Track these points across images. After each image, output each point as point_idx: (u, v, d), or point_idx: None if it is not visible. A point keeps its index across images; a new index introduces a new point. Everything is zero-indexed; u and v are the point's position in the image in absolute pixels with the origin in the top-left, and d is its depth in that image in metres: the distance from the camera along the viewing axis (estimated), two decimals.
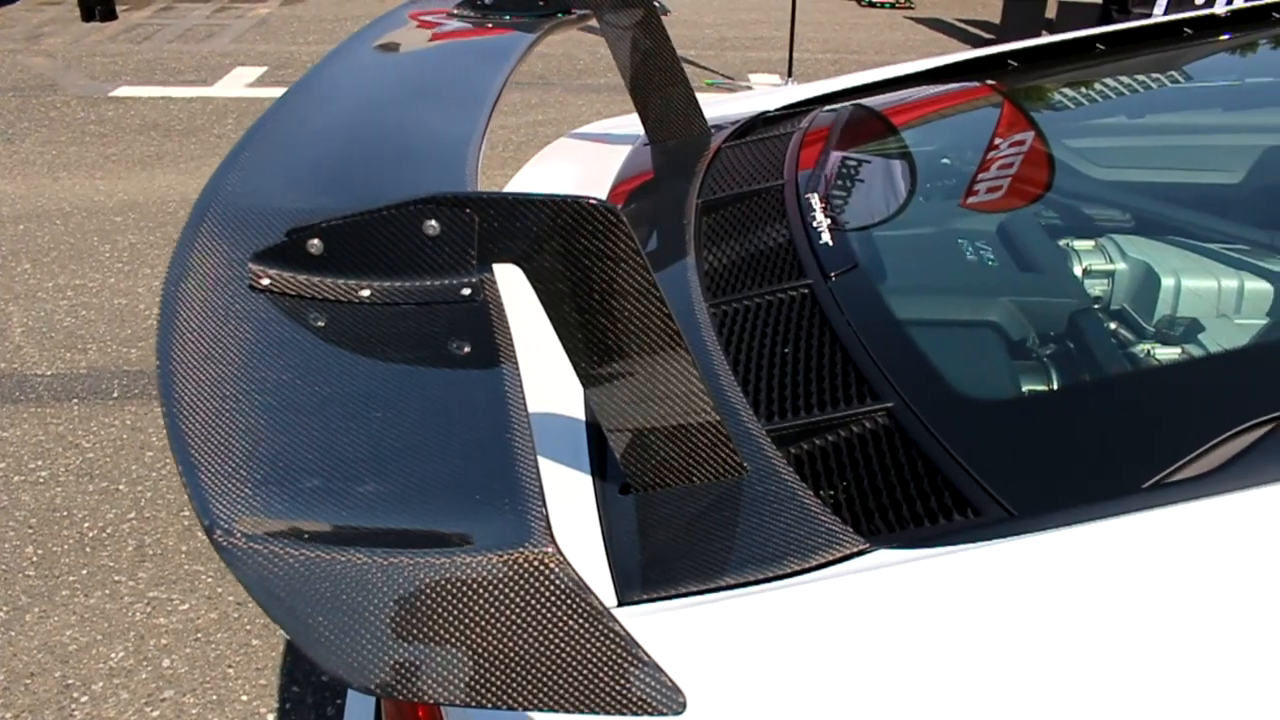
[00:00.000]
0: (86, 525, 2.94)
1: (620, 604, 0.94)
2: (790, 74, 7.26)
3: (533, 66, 7.60)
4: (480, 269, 0.92)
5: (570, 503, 1.06)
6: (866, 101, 2.08)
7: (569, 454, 1.12)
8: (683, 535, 0.99)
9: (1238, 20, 2.36)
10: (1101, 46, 2.26)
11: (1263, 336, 1.40)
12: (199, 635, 2.57)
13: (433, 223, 0.89)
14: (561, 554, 0.64)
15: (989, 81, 2.15)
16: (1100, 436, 1.08)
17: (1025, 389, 1.27)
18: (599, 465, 1.10)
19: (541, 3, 1.86)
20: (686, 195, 1.67)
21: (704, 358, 1.20)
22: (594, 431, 1.14)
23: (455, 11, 1.85)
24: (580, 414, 1.18)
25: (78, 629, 2.59)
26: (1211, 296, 1.51)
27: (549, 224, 0.88)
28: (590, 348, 0.95)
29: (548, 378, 1.21)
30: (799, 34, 7.89)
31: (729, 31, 8.95)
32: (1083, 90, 2.21)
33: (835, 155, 1.78)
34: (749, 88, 7.15)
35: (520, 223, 0.89)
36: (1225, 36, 2.33)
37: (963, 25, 9.60)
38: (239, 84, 7.14)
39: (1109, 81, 2.22)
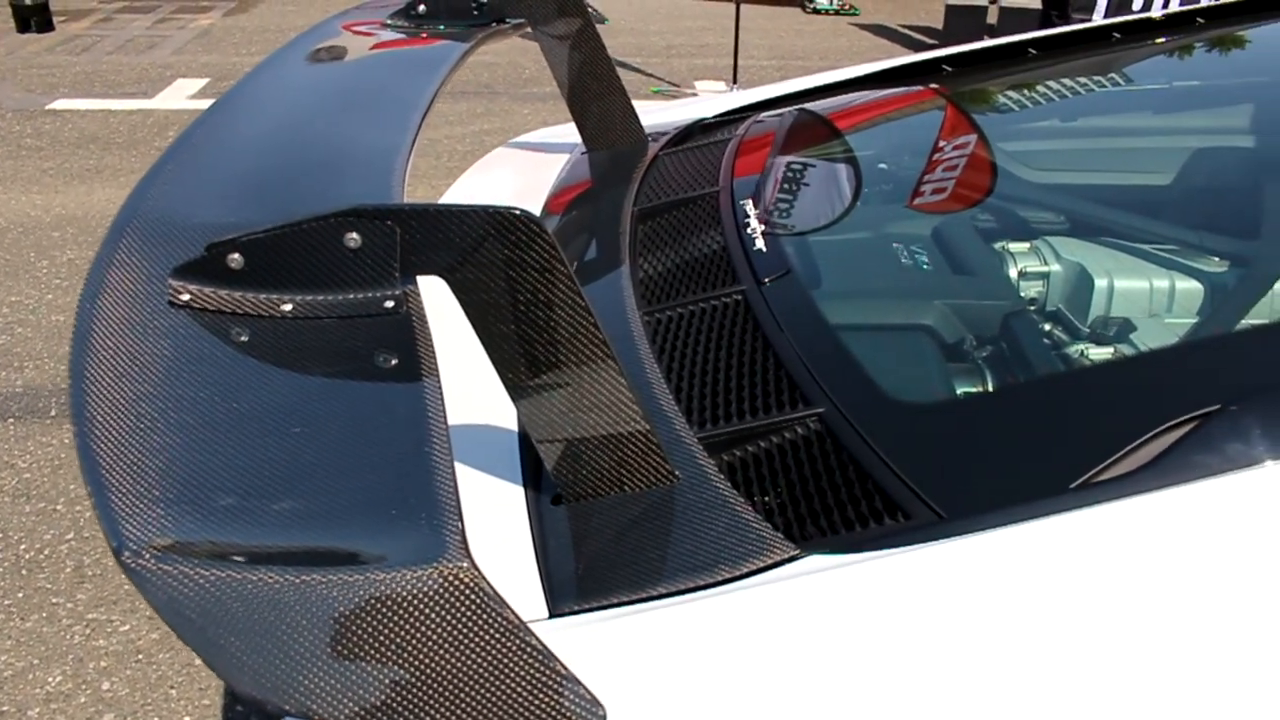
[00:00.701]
0: (23, 547, 2.88)
1: (552, 615, 0.93)
2: (735, 80, 7.29)
3: (478, 76, 7.57)
4: (404, 281, 0.91)
5: (502, 515, 1.05)
6: (802, 107, 2.09)
7: (502, 465, 1.12)
8: (615, 545, 0.99)
9: (1167, 25, 2.40)
10: (1034, 51, 2.29)
11: (1189, 335, 1.43)
12: (140, 657, 2.52)
13: (354, 235, 0.89)
14: (477, 568, 0.63)
15: (923, 87, 2.17)
16: (1030, 438, 1.09)
17: (956, 392, 1.28)
18: (532, 476, 1.09)
19: (475, 12, 1.85)
20: (622, 203, 1.67)
21: (636, 366, 1.20)
22: (527, 442, 1.14)
23: (389, 22, 1.84)
24: (513, 425, 1.17)
25: (13, 654, 2.53)
26: (1140, 297, 1.53)
27: (471, 235, 0.88)
28: (516, 359, 0.94)
29: (482, 388, 1.20)
30: (745, 41, 7.92)
31: (675, 39, 8.97)
32: (1017, 95, 2.23)
33: (770, 161, 1.79)
34: (694, 94, 7.17)
35: (442, 234, 0.88)
36: (1163, 40, 2.37)
37: (906, 31, 9.70)
38: (181, 96, 7.04)
39: (1043, 86, 2.25)
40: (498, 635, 0.63)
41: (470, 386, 1.17)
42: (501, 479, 1.10)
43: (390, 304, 0.91)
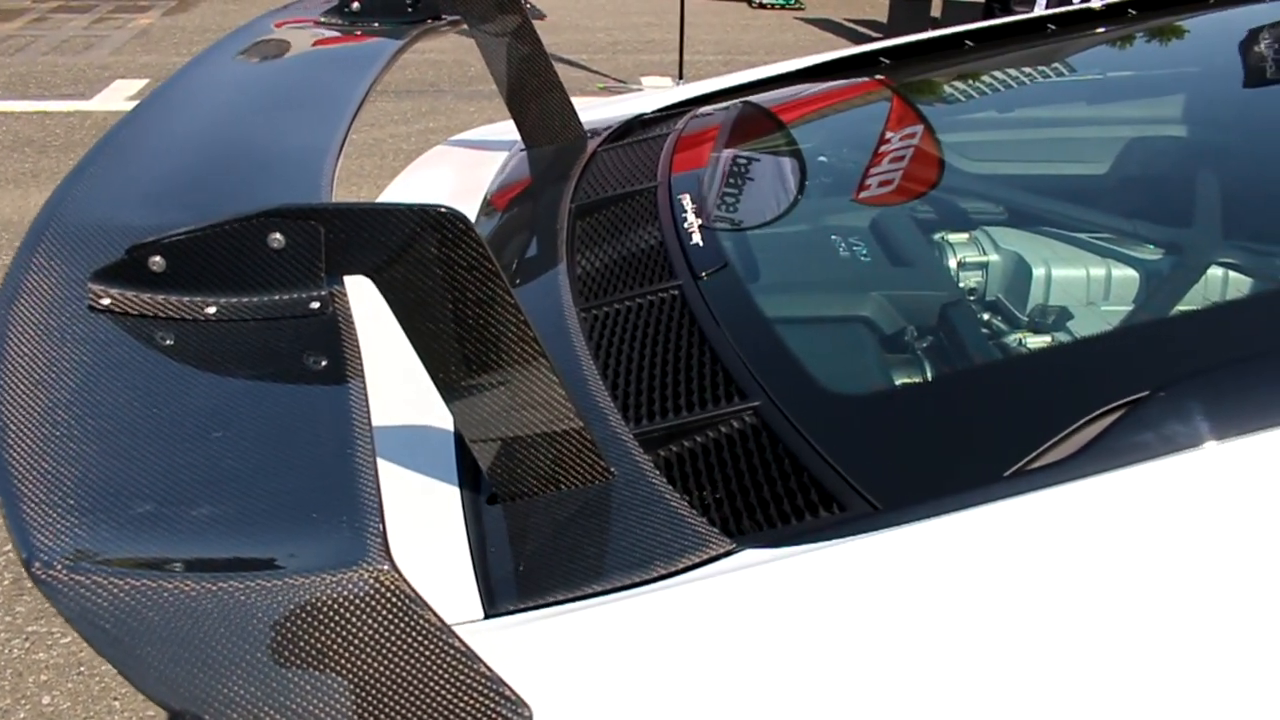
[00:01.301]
0: None
1: (488, 616, 0.92)
2: (681, 76, 7.30)
3: (423, 74, 7.53)
4: (329, 281, 0.90)
5: (437, 515, 1.04)
6: (740, 101, 2.10)
7: (438, 466, 1.11)
8: (550, 543, 0.98)
9: (1105, 16, 2.43)
10: (971, 44, 2.31)
11: (1122, 322, 1.44)
12: (82, 670, 2.48)
13: (277, 236, 0.87)
14: (397, 570, 0.62)
15: (860, 80, 2.18)
16: (964, 427, 1.10)
17: (891, 383, 1.29)
18: (467, 476, 1.08)
19: (410, 9, 1.83)
20: (560, 200, 1.66)
21: (572, 363, 1.20)
22: (462, 442, 1.13)
23: (322, 19, 1.82)
24: (450, 425, 1.16)
25: None
26: (1075, 285, 1.55)
27: (397, 234, 0.87)
28: (446, 359, 0.94)
29: (420, 388, 1.19)
30: (691, 36, 7.94)
31: (621, 35, 8.96)
32: (954, 87, 2.25)
33: (709, 155, 1.79)
34: (640, 91, 7.17)
35: (368, 233, 0.87)
36: (1099, 31, 2.40)
37: (851, 25, 9.77)
38: (120, 97, 6.93)
39: (981, 79, 2.27)
40: (419, 638, 0.63)
41: (408, 386, 1.15)
42: (438, 479, 1.09)
43: (316, 305, 0.90)
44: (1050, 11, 2.49)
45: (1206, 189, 1.82)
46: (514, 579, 0.96)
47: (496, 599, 0.93)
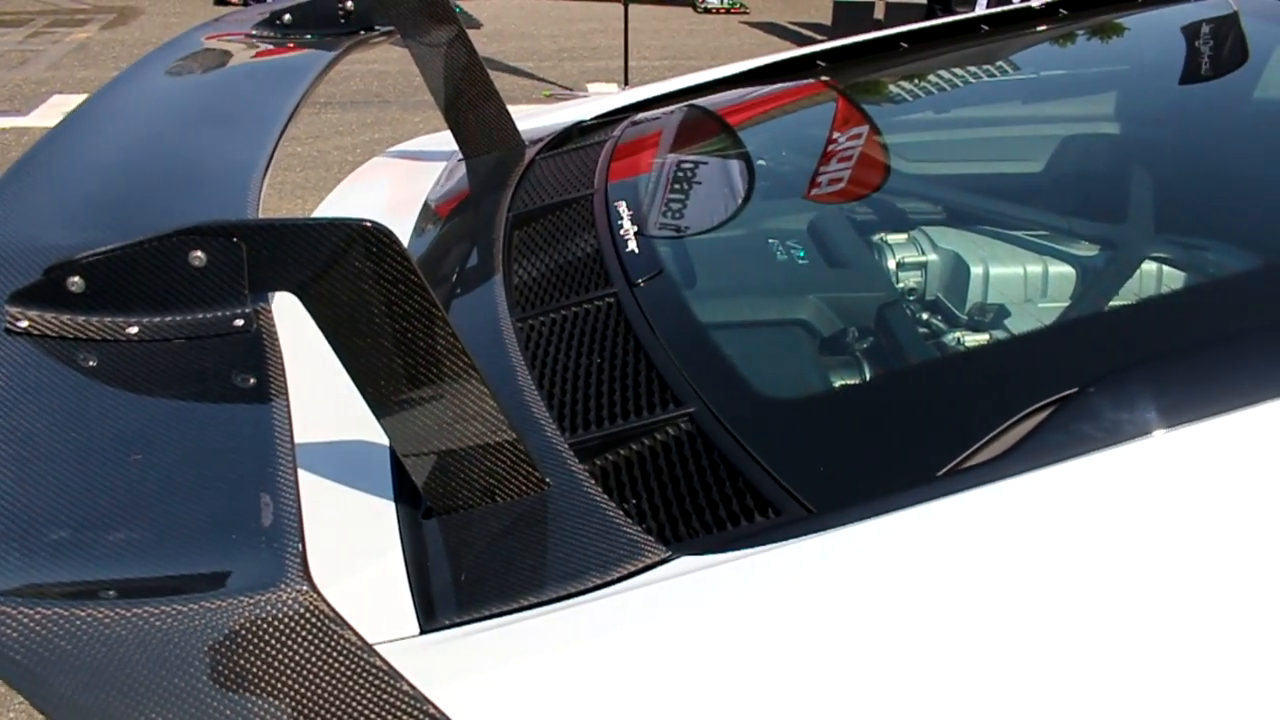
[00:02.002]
0: None
1: (424, 631, 0.91)
2: (626, 82, 7.31)
3: (368, 85, 7.48)
4: (253, 299, 0.89)
5: (372, 531, 1.03)
6: (676, 107, 2.10)
7: (373, 482, 1.10)
8: (486, 556, 0.98)
9: (1041, 16, 2.46)
10: (905, 45, 2.33)
11: (1054, 320, 1.46)
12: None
13: (199, 253, 0.86)
14: (316, 591, 0.62)
15: (798, 83, 2.19)
16: (898, 428, 1.11)
17: (825, 386, 1.29)
18: (403, 491, 1.08)
19: (343, 20, 1.82)
20: (498, 209, 1.66)
21: (508, 374, 1.19)
22: (396, 456, 1.12)
23: (253, 33, 1.80)
24: (386, 440, 1.16)
25: None
26: (1008, 284, 1.57)
27: (321, 249, 0.86)
28: (375, 374, 0.93)
29: (355, 403, 1.18)
30: (637, 42, 7.95)
31: (566, 42, 8.96)
32: (893, 88, 2.27)
33: (645, 161, 1.79)
34: (586, 97, 7.17)
35: (291, 249, 0.86)
36: (1035, 31, 2.43)
37: (795, 28, 9.83)
38: (58, 113, 6.82)
39: (919, 79, 2.29)
40: (339, 658, 0.62)
41: (347, 402, 1.14)
42: (374, 495, 1.08)
43: (240, 322, 0.89)
44: (990, 11, 2.51)
45: (1139, 186, 1.85)
46: (449, 593, 0.95)
47: (432, 614, 0.93)
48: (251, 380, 0.85)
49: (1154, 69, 2.23)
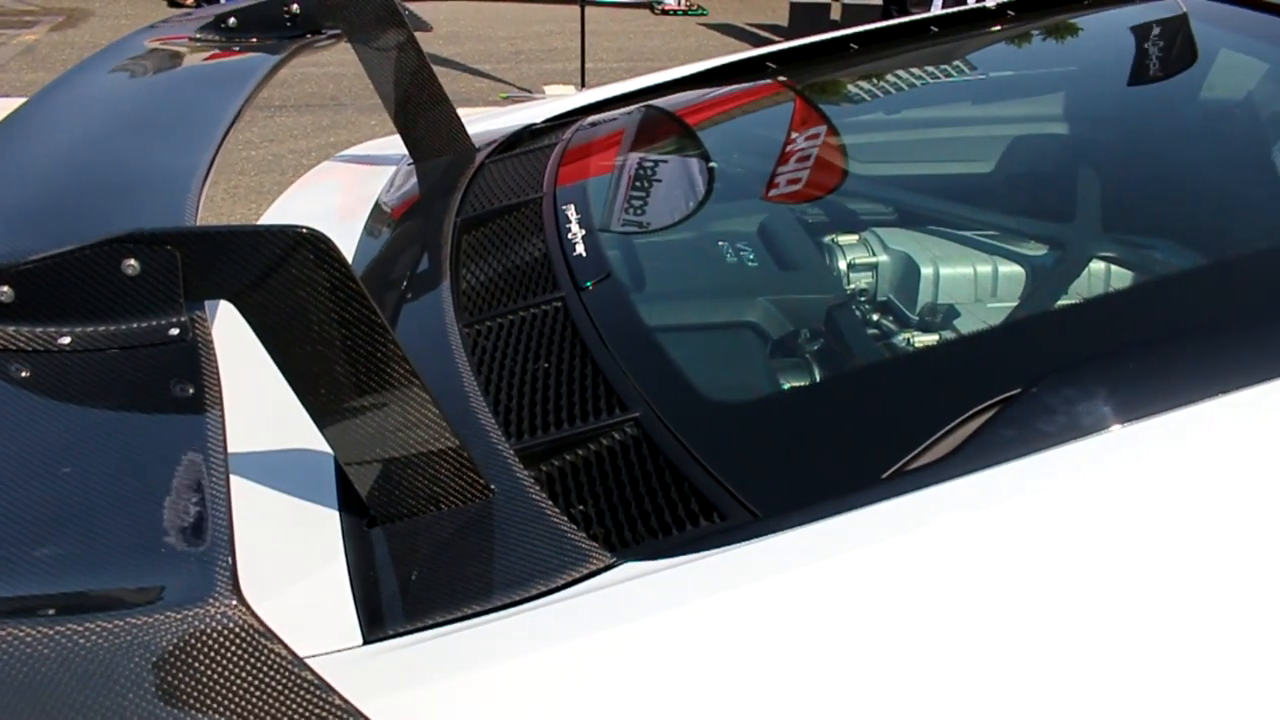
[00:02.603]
0: None
1: (367, 642, 0.90)
2: (583, 84, 7.31)
3: (323, 88, 7.43)
4: (189, 307, 0.88)
5: (315, 541, 1.02)
6: (625, 110, 2.10)
7: (316, 491, 1.09)
8: (430, 564, 0.97)
9: (994, 16, 2.48)
10: (855, 46, 2.34)
11: (999, 320, 1.47)
12: None
13: (132, 262, 0.85)
14: (245, 605, 0.61)
15: (751, 84, 2.19)
16: (843, 430, 1.11)
17: (770, 389, 1.29)
18: (346, 500, 1.06)
19: (289, 23, 1.80)
20: (446, 214, 1.64)
21: (453, 380, 1.18)
22: (340, 465, 1.11)
23: (197, 36, 1.78)
24: (328, 448, 1.14)
25: None
26: (956, 284, 1.58)
27: (257, 256, 0.85)
28: (315, 382, 0.92)
29: (296, 411, 1.17)
30: (594, 44, 7.95)
31: (524, 44, 8.94)
32: (843, 89, 2.28)
33: (594, 164, 1.79)
34: (542, 98, 7.16)
35: (226, 256, 0.85)
36: (988, 31, 2.44)
37: (753, 29, 9.87)
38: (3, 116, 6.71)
39: (871, 80, 2.31)
40: (269, 672, 0.61)
41: (286, 411, 1.13)
42: (318, 504, 1.07)
43: (175, 331, 0.87)
44: (945, 11, 2.53)
45: (1087, 186, 1.87)
46: (393, 603, 0.94)
47: (376, 624, 0.92)
48: (188, 390, 0.83)
49: (1102, 70, 2.25)
